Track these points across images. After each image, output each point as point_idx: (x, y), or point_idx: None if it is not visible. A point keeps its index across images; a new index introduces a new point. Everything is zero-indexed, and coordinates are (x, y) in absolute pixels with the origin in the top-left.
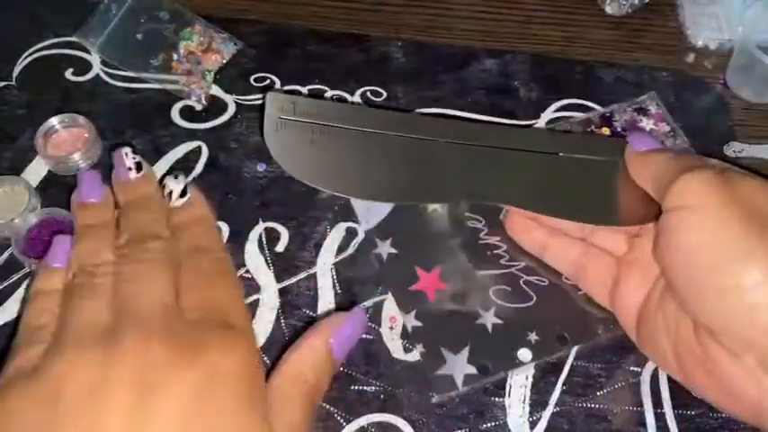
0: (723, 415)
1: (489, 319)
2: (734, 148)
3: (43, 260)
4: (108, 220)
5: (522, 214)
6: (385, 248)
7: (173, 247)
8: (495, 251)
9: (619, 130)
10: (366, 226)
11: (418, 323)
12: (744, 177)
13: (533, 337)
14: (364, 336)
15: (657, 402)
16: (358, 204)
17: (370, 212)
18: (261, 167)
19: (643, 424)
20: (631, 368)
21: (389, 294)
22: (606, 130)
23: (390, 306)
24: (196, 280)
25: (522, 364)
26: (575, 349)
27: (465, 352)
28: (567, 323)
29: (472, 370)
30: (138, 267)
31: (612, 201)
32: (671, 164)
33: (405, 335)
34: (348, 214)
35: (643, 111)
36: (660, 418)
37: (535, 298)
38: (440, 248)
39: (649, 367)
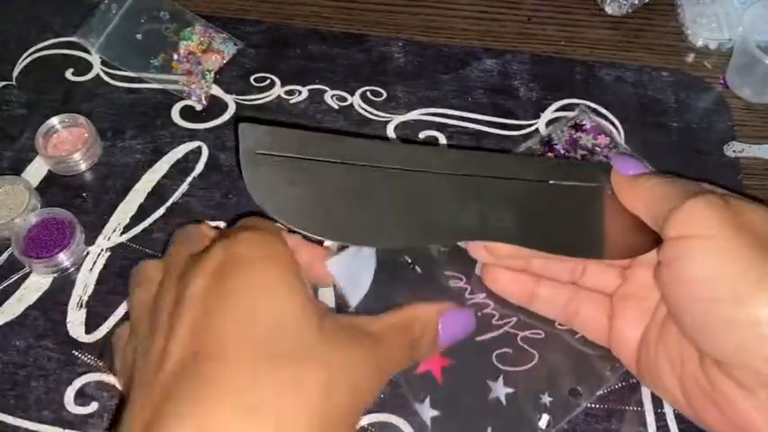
0: None
1: (501, 391)
2: (734, 148)
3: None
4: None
5: (502, 264)
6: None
7: None
8: (485, 311)
9: (561, 152)
10: (354, 299)
11: (435, 412)
12: (747, 205)
13: (546, 399)
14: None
15: (658, 402)
16: (340, 274)
17: (354, 281)
18: None
19: (644, 424)
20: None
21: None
22: (551, 155)
23: None
24: None
25: None
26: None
27: None
28: (575, 374)
29: None
30: None
31: (598, 231)
32: (668, 189)
33: (424, 428)
34: None
35: (579, 127)
36: (661, 418)
37: (537, 355)
38: None
39: None
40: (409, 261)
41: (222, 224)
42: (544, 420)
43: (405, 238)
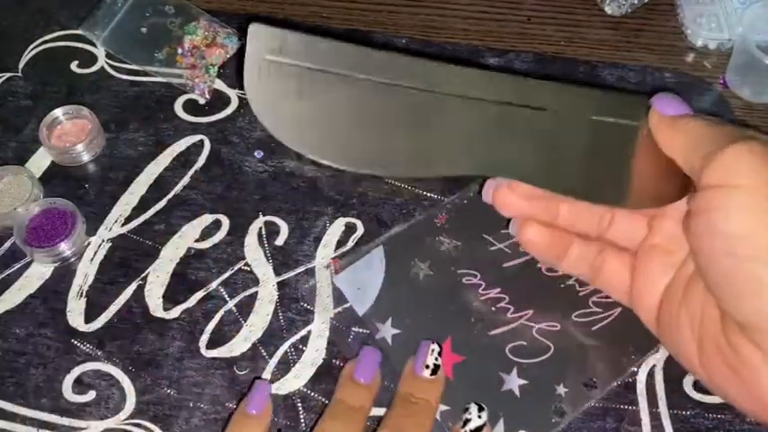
0: (718, 415)
1: (514, 383)
2: None
3: (243, 403)
4: (367, 407)
5: (527, 214)
6: (387, 331)
7: None
8: (500, 304)
9: None
10: (361, 309)
11: (445, 407)
12: None
13: (562, 389)
14: (361, 330)
15: (653, 401)
16: (347, 289)
17: (361, 292)
18: (258, 155)
19: (638, 423)
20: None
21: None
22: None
23: None
24: None
25: (559, 423)
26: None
27: (500, 425)
28: (592, 366)
29: None
30: None
31: (626, 176)
32: (712, 132)
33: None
34: (347, 209)
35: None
36: (655, 417)
37: (552, 347)
38: (443, 317)
39: (645, 367)
40: (419, 263)
41: (223, 217)
42: (561, 412)
43: (407, 166)
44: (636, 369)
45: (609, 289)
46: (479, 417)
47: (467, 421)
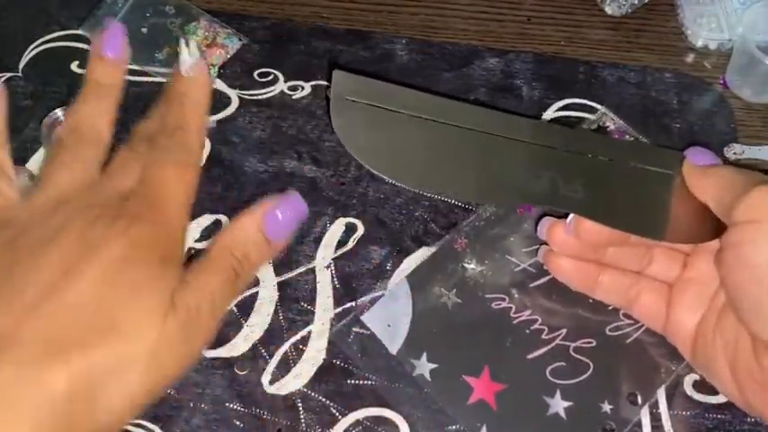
0: (718, 415)
1: (559, 405)
2: (734, 150)
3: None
4: (118, 84)
5: (569, 252)
6: (424, 367)
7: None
8: (533, 327)
9: None
10: (394, 347)
11: None
12: None
13: (607, 407)
14: (362, 331)
15: (653, 403)
16: (377, 327)
17: (392, 329)
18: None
19: (638, 423)
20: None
21: (387, 291)
22: None
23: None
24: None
25: None
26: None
27: None
28: (632, 379)
29: None
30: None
31: (664, 214)
32: (738, 177)
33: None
34: (348, 209)
35: (602, 129)
36: (656, 417)
37: (592, 365)
38: (479, 345)
39: None
40: (445, 292)
41: (223, 217)
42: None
43: (475, 192)
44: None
45: (644, 319)
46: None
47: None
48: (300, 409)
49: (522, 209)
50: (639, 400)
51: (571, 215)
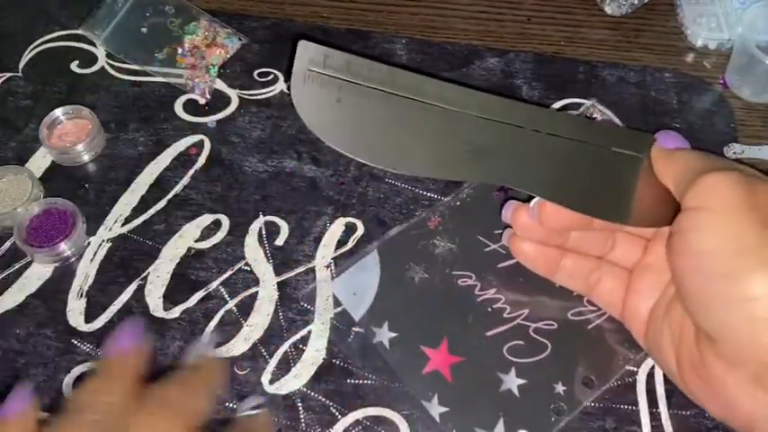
0: None
1: (513, 382)
2: (734, 150)
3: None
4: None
5: (532, 237)
6: (384, 335)
7: None
8: (496, 305)
9: None
10: (357, 314)
11: (444, 408)
12: None
13: (560, 388)
14: (363, 331)
15: (653, 402)
16: (342, 294)
17: (357, 297)
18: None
19: (638, 423)
20: (627, 367)
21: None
22: None
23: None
24: None
25: (559, 422)
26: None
27: (500, 425)
28: (589, 363)
29: None
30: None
31: (628, 197)
32: (700, 163)
33: (432, 423)
34: (347, 209)
35: (590, 119)
36: (655, 417)
37: (550, 346)
38: (440, 319)
39: (645, 367)
40: (413, 266)
41: (223, 217)
42: (561, 411)
43: (428, 167)
44: (635, 369)
45: (603, 304)
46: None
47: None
48: (300, 408)
49: (500, 191)
50: (595, 384)
51: (535, 199)
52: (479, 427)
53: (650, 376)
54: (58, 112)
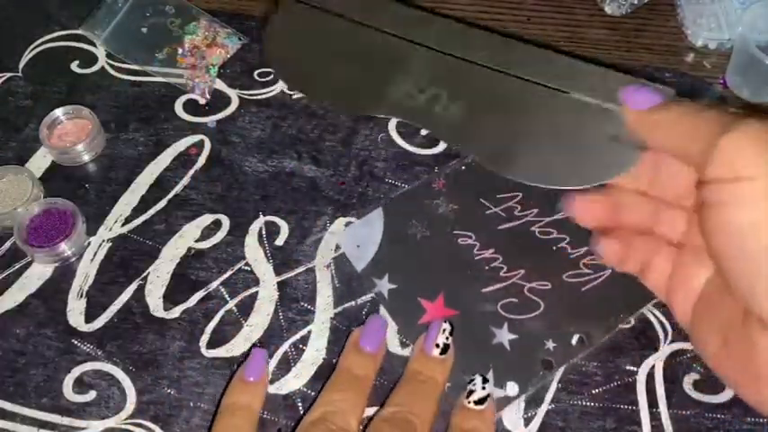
0: (718, 415)
1: (505, 337)
2: None
3: (240, 371)
4: (371, 375)
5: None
6: (384, 285)
7: None
8: (493, 264)
9: None
10: (360, 265)
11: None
12: None
13: (551, 344)
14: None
15: (653, 402)
16: (347, 246)
17: (361, 250)
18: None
19: (638, 423)
20: (627, 367)
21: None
22: None
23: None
24: None
25: (546, 375)
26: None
27: (489, 376)
28: (581, 323)
29: (500, 393)
30: None
31: (595, 156)
32: (698, 120)
33: None
34: (348, 209)
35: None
36: (655, 417)
37: (543, 305)
38: (438, 274)
39: (645, 367)
40: (416, 223)
41: (223, 217)
42: (549, 365)
43: (387, 108)
44: (635, 369)
45: (652, 284)
46: (483, 388)
47: (471, 392)
48: (300, 408)
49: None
50: (585, 341)
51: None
52: (467, 375)
53: (650, 376)
54: (59, 112)
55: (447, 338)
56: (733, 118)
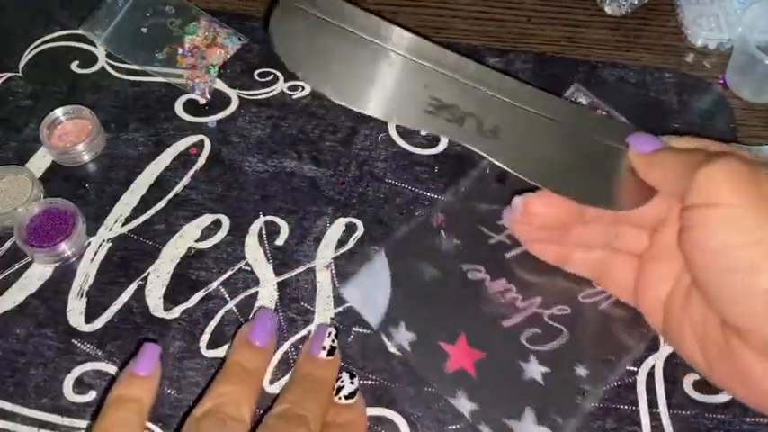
0: (718, 415)
1: (535, 370)
2: None
3: (129, 365)
4: (262, 369)
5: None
6: (402, 336)
7: None
8: (508, 295)
9: None
10: (374, 320)
11: (474, 405)
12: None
13: (582, 371)
14: (363, 331)
15: (653, 402)
16: (356, 301)
17: (371, 303)
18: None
19: (638, 423)
20: (627, 367)
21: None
22: None
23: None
24: None
25: (585, 403)
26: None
27: (528, 414)
28: (607, 343)
29: (546, 431)
30: None
31: (611, 184)
32: (684, 159)
33: (462, 419)
34: (348, 209)
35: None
36: (655, 417)
37: (565, 330)
38: (455, 314)
39: (645, 367)
40: (422, 264)
41: (223, 217)
42: (588, 395)
43: (389, 112)
44: (635, 369)
45: (614, 290)
46: (352, 383)
47: (340, 388)
48: None
49: (498, 182)
50: (614, 363)
51: (516, 198)
52: (508, 419)
53: (650, 376)
54: (59, 112)
55: (333, 341)
56: (713, 155)
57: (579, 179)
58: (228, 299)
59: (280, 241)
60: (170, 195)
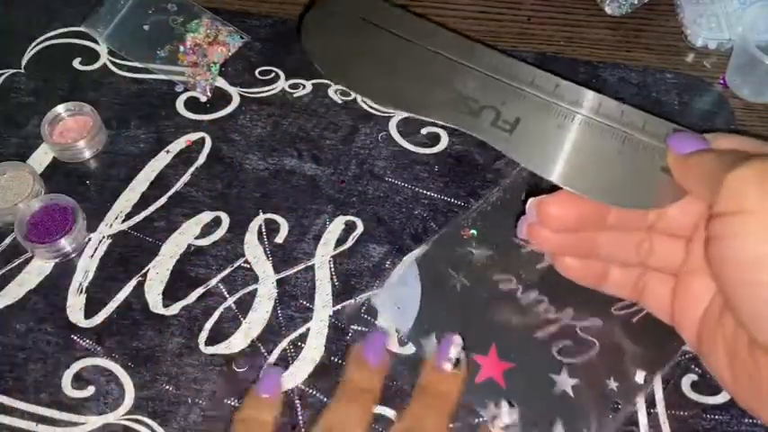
0: (716, 416)
1: (566, 383)
2: None
3: (254, 387)
4: (376, 389)
5: (564, 251)
6: (432, 347)
7: None
8: (539, 306)
9: None
10: (405, 330)
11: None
12: None
13: (613, 384)
14: (362, 329)
15: (651, 402)
16: (387, 309)
17: (402, 311)
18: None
19: (636, 423)
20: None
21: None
22: None
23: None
24: None
25: (616, 418)
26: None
27: (559, 427)
28: (639, 356)
29: None
30: None
31: (645, 183)
32: (716, 162)
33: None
34: (347, 208)
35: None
36: (653, 418)
37: (597, 343)
38: (486, 325)
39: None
40: (453, 274)
41: (223, 215)
42: (624, 406)
43: (432, 111)
44: (634, 370)
45: (653, 309)
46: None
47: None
48: (298, 406)
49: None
50: (645, 376)
51: (530, 200)
52: (536, 429)
53: (648, 377)
54: (60, 108)
55: (459, 352)
56: (742, 157)
57: (603, 176)
58: (227, 296)
59: (279, 239)
60: (170, 192)
